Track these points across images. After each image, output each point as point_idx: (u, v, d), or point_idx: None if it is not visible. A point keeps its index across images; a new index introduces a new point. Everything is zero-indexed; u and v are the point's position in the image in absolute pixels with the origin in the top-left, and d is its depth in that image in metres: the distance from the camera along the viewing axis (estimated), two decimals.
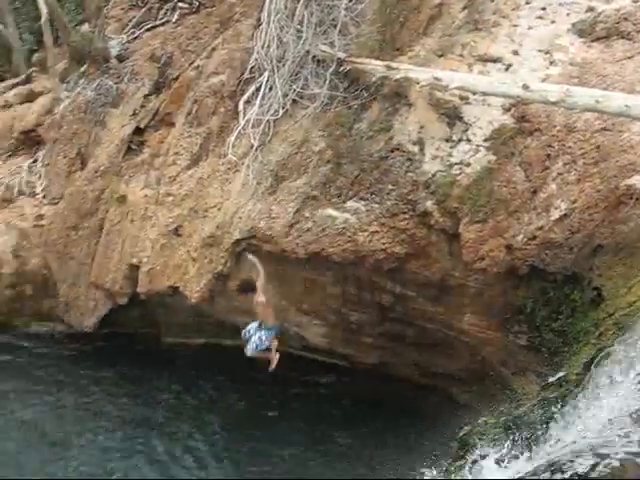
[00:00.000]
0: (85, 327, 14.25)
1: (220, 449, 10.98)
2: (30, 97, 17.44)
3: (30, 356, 14.09)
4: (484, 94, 10.56)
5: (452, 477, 8.29)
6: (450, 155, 10.69)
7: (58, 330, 14.89)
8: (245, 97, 12.91)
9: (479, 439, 8.92)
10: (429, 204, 10.41)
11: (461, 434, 9.48)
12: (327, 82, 12.02)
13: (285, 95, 12.44)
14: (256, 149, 12.36)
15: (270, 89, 12.61)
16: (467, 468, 8.77)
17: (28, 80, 18.17)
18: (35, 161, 16.27)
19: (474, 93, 10.71)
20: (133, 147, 14.35)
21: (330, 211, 11.12)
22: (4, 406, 12.45)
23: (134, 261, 13.14)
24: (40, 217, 15.22)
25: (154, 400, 12.46)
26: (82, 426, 11.81)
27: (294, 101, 12.43)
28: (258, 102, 12.58)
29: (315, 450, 10.86)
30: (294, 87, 12.41)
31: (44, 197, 15.69)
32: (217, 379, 12.88)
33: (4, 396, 12.73)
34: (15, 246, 14.96)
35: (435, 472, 8.80)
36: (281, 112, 12.41)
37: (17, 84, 18.36)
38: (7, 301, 15.10)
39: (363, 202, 10.99)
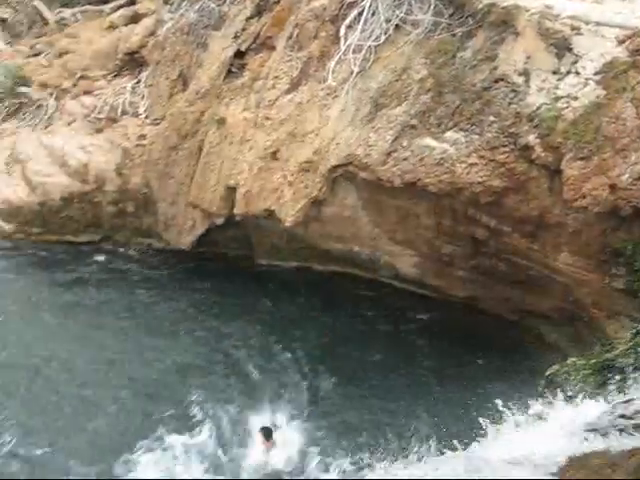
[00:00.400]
0: (182, 245, 14.79)
1: (306, 363, 11.30)
2: (134, 19, 17.85)
3: (129, 269, 14.86)
4: (597, 24, 10.09)
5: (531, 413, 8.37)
6: (557, 88, 10.30)
7: (156, 247, 15.54)
8: (347, 22, 12.71)
9: (566, 379, 8.93)
10: (531, 138, 10.13)
11: (549, 372, 9.51)
12: (431, 8, 11.72)
13: (388, 20, 12.22)
14: (356, 75, 12.27)
15: (372, 14, 12.40)
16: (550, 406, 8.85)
17: (132, 2, 18.56)
18: (138, 82, 16.72)
19: (587, 23, 10.23)
20: (234, 70, 14.45)
21: (428, 141, 11.00)
22: (103, 313, 13.20)
23: (231, 183, 13.43)
24: (142, 137, 15.72)
25: (244, 315, 12.87)
26: (169, 340, 12.38)
27: (397, 27, 12.19)
28: (360, 27, 12.41)
29: (399, 374, 11.05)
30: (397, 12, 12.16)
31: (146, 117, 16.17)
32: (307, 301, 13.18)
33: (103, 305, 13.50)
34: (118, 164, 15.57)
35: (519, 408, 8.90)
36: (383, 38, 12.22)
37: (122, 6, 18.81)
38: (110, 217, 15.82)
39: (463, 133, 10.81)
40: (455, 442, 8.10)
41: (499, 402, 8.56)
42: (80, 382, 11.16)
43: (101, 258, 15.26)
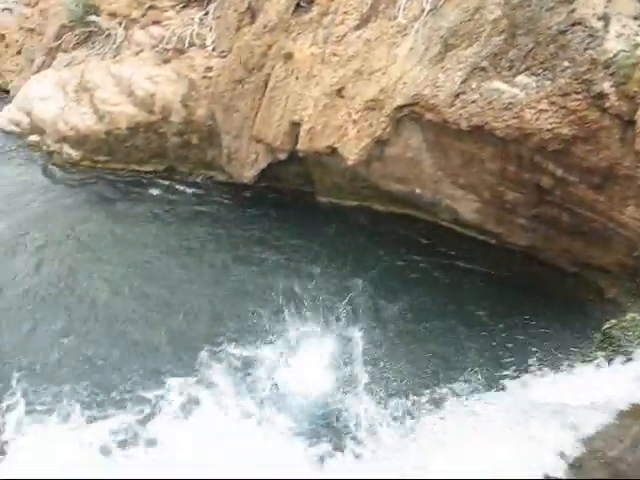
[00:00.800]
0: (244, 178, 14.96)
1: (362, 297, 11.40)
2: None
3: (191, 199, 15.21)
4: None
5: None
6: (637, 34, 9.92)
7: (219, 179, 15.77)
8: None
9: (624, 334, 8.91)
10: (606, 86, 9.84)
11: (606, 327, 9.48)
12: None
13: None
14: (427, 13, 12.03)
15: None
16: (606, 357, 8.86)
17: None
18: (206, 13, 16.70)
19: None
20: (302, 4, 14.27)
21: (498, 84, 10.79)
22: (164, 238, 13.66)
23: (296, 118, 13.45)
24: (209, 69, 15.78)
25: (303, 249, 13.05)
26: (227, 267, 12.72)
27: None
28: None
29: (453, 315, 11.12)
30: None
31: (213, 50, 16.18)
32: (366, 239, 13.25)
33: (167, 230, 13.98)
34: (184, 96, 15.69)
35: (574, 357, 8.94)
36: None
37: None
38: (174, 148, 16.05)
39: (534, 77, 10.55)
40: (508, 383, 8.21)
41: (554, 349, 8.62)
42: (142, 304, 11.69)
43: (165, 186, 15.67)
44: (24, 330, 10.98)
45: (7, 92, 21.20)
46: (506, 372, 9.40)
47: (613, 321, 9.77)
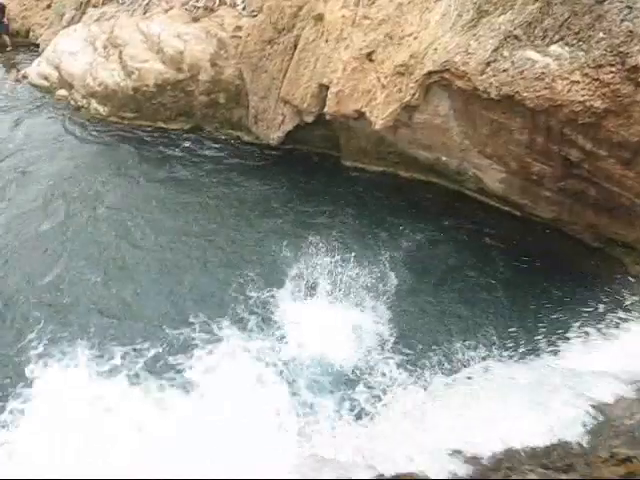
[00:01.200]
0: (270, 140, 14.97)
1: (383, 258, 11.41)
2: None
3: (216, 158, 15.27)
4: None
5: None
6: None
7: (245, 140, 15.81)
8: None
9: None
10: None
11: (627, 303, 9.48)
12: None
13: None
14: None
15: None
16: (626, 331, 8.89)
17: None
18: None
19: None
20: None
21: (531, 53, 10.63)
22: (186, 193, 13.84)
23: (324, 81, 13.38)
24: (238, 28, 15.72)
25: (327, 210, 13.14)
26: (251, 221, 12.95)
27: None
28: None
29: (474, 282, 11.19)
30: None
31: (243, 9, 16.12)
32: (390, 203, 13.28)
33: (186, 185, 14.14)
34: (213, 55, 15.68)
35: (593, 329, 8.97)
36: None
37: None
38: (201, 106, 16.08)
39: (568, 48, 10.38)
40: (526, 350, 8.27)
41: (572, 321, 8.64)
42: (170, 247, 12.14)
43: (190, 145, 15.74)
44: (53, 273, 11.38)
45: (37, 46, 21.29)
46: (524, 339, 9.47)
47: (635, 298, 9.77)
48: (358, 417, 8.45)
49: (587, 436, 6.21)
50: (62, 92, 17.75)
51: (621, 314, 9.44)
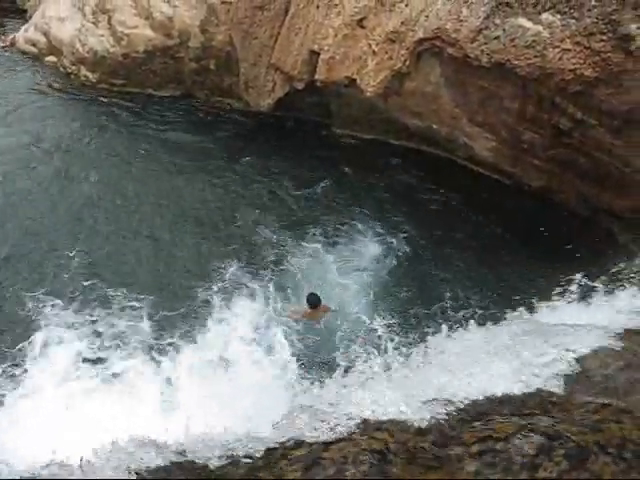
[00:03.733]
0: (261, 107, 14.90)
1: (375, 224, 11.68)
2: None
3: (206, 124, 15.24)
4: None
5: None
6: None
7: (235, 107, 15.72)
8: None
9: (629, 279, 8.99)
10: (633, 27, 9.58)
11: (613, 270, 9.54)
12: None
13: None
14: None
15: None
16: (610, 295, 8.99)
17: None
18: None
19: None
20: None
21: (522, 21, 10.55)
22: (178, 163, 13.82)
23: (315, 48, 13.27)
24: None
25: (316, 177, 13.18)
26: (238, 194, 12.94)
27: None
28: None
29: (465, 246, 11.33)
30: None
31: None
32: (382, 171, 13.31)
33: (177, 155, 14.10)
34: (203, 21, 15.49)
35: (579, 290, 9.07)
36: None
37: None
38: (191, 73, 15.95)
39: (560, 16, 10.31)
40: (512, 307, 8.40)
41: (560, 283, 8.74)
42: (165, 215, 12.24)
43: (180, 111, 15.72)
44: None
45: (25, 12, 20.99)
46: (511, 298, 9.53)
47: (621, 265, 9.84)
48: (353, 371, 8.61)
49: (564, 386, 6.36)
50: (51, 58, 17.55)
51: (606, 279, 9.53)
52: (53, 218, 11.84)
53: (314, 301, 9.20)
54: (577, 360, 6.74)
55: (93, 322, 9.55)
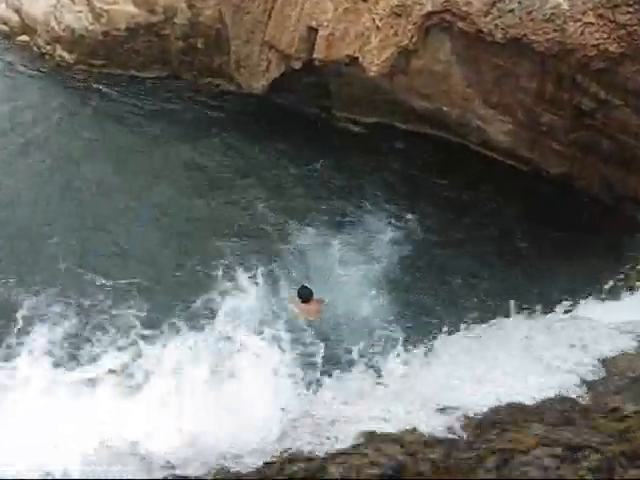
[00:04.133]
0: (254, 88, 14.85)
1: (378, 213, 11.85)
2: None
3: (194, 108, 15.19)
4: None
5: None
6: None
7: (226, 89, 15.67)
8: None
9: None
10: None
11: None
12: None
13: None
14: None
15: None
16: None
17: None
18: None
19: None
20: None
21: None
22: (167, 148, 13.89)
23: (313, 24, 13.20)
24: None
25: (314, 165, 13.27)
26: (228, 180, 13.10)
27: None
28: None
29: (477, 236, 11.48)
30: None
31: None
32: (385, 157, 13.38)
33: (166, 139, 14.15)
34: None
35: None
36: None
37: None
38: (178, 53, 15.89)
39: None
40: (535, 303, 8.45)
41: (584, 277, 8.80)
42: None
43: (165, 94, 15.67)
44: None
45: None
46: (529, 294, 9.62)
47: None
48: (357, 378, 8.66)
49: (587, 391, 6.37)
50: (24, 38, 17.47)
51: (631, 272, 9.58)
52: (29, 208, 11.94)
53: (306, 294, 9.30)
54: (602, 362, 6.76)
55: (81, 315, 9.67)
